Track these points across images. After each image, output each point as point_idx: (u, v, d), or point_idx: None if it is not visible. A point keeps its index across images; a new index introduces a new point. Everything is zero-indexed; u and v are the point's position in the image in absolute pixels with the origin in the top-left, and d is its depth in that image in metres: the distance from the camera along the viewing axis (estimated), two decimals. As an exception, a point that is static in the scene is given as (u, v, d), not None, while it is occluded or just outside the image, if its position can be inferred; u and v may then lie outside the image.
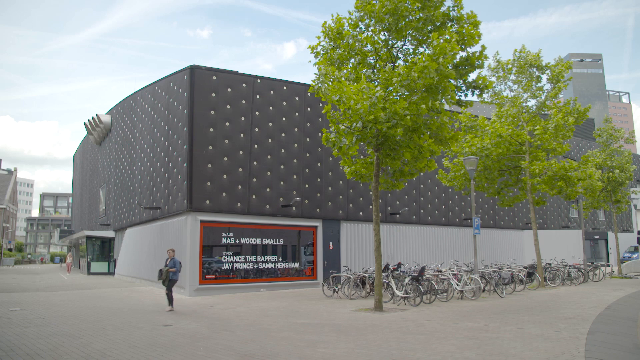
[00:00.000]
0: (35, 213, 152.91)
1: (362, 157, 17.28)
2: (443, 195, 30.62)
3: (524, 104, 22.85)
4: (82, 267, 42.93)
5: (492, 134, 22.10)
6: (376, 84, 14.87)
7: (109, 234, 38.05)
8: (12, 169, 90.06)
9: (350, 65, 15.95)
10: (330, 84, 13.98)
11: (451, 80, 14.31)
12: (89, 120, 40.76)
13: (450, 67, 13.76)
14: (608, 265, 34.15)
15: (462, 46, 15.45)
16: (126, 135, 33.02)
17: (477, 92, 16.37)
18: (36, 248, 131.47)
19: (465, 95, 16.33)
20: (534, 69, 22.53)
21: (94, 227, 43.54)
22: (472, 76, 32.57)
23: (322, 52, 16.00)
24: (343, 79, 15.07)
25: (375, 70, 15.92)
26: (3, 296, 20.21)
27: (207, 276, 20.62)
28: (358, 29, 15.84)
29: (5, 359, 8.40)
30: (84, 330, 11.44)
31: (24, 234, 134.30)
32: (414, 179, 23.82)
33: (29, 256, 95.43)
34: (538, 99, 22.67)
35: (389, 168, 17.19)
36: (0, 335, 10.88)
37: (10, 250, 77.69)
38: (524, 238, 35.76)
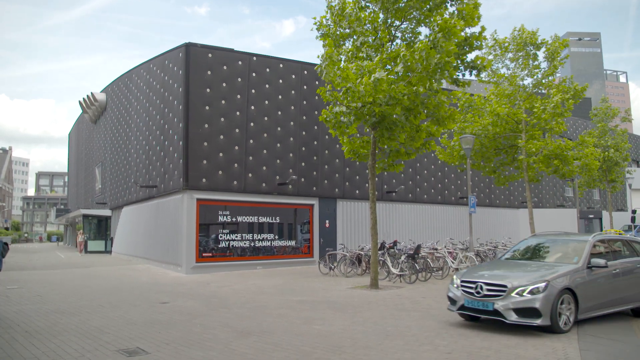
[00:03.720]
0: (31, 192, 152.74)
1: (359, 135, 17.25)
2: (439, 173, 30.68)
3: (521, 83, 22.77)
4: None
5: (490, 113, 22.06)
6: (378, 63, 14.75)
7: (106, 212, 38.07)
8: (7, 148, 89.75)
9: (350, 44, 15.84)
10: (335, 68, 13.91)
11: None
12: (83, 99, 40.51)
13: (451, 50, 13.66)
14: (602, 244, 34.32)
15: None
16: (121, 113, 32.85)
17: (474, 72, 16.30)
18: (33, 227, 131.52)
19: (463, 75, 16.26)
20: (531, 47, 22.41)
21: (90, 205, 43.53)
22: (471, 56, 32.47)
23: (325, 30, 15.86)
24: (343, 57, 15.03)
25: (374, 51, 15.79)
26: (1, 274, 20.26)
27: (203, 254, 20.72)
28: (359, 6, 15.68)
29: (5, 336, 8.47)
30: (82, 308, 11.53)
31: (20, 213, 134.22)
32: (411, 158, 23.83)
33: (25, 235, 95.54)
34: (535, 77, 22.59)
35: (386, 147, 17.18)
36: (-2, 311, 10.96)
37: (6, 229, 77.79)
38: (519, 217, 35.95)
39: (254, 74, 22.51)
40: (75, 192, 56.69)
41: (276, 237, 23.02)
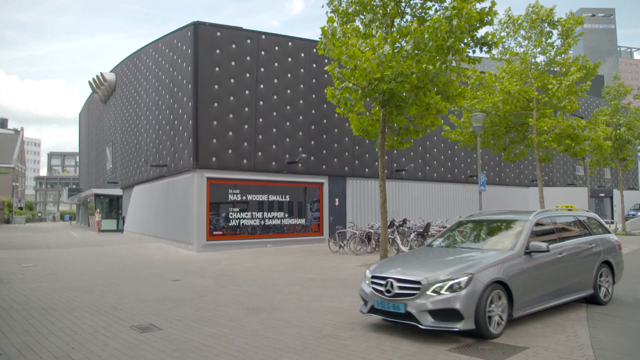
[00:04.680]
0: (43, 172, 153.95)
1: (368, 113, 17.19)
2: (449, 152, 30.56)
3: (533, 60, 22.49)
4: (91, 224, 43.50)
5: (500, 91, 21.85)
6: (383, 40, 14.63)
7: (117, 191, 38.37)
8: (19, 129, 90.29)
9: (360, 22, 15.70)
10: (335, 43, 13.81)
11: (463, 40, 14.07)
12: (93, 79, 40.55)
13: (465, 26, 13.50)
14: (612, 223, 34.27)
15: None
16: (131, 93, 32.89)
17: (485, 48, 16.10)
18: (46, 206, 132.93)
19: (474, 52, 16.06)
20: (545, 24, 22.06)
21: (101, 185, 43.88)
22: (481, 32, 32.00)
23: (335, 7, 15.73)
24: (349, 35, 14.89)
25: (384, 27, 15.64)
26: (16, 253, 20.60)
27: (214, 232, 20.90)
28: None
29: (22, 312, 8.65)
30: (95, 286, 11.71)
31: (33, 192, 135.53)
32: (420, 135, 23.74)
33: (39, 214, 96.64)
34: (547, 55, 22.28)
35: (395, 125, 17.12)
36: (15, 290, 11.17)
37: (21, 208, 78.68)
38: (529, 195, 35.81)
39: (262, 53, 22.41)
40: (86, 171, 57.10)
41: (286, 215, 23.14)
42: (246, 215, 21.87)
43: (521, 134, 23.61)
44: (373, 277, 7.39)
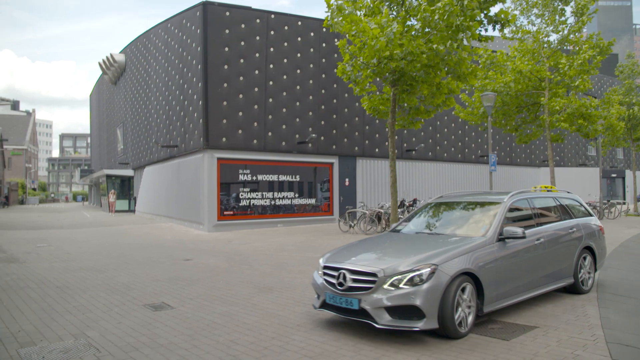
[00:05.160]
0: (55, 153, 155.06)
1: (379, 92, 17.10)
2: (460, 132, 30.38)
3: (545, 39, 22.17)
4: (103, 205, 43.89)
5: (512, 70, 21.61)
6: (393, 18, 14.48)
7: (128, 172, 38.61)
8: (30, 111, 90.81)
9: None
10: (344, 18, 13.70)
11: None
12: (103, 60, 40.56)
13: (475, 4, 13.31)
14: (624, 203, 34.03)
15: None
16: (140, 74, 32.89)
17: (498, 26, 15.88)
18: (58, 187, 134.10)
19: (486, 30, 15.87)
20: (559, 2, 21.68)
21: (113, 166, 44.16)
22: (494, 10, 31.60)
23: None
24: (359, 13, 14.76)
25: (394, 5, 15.48)
26: (31, 233, 20.88)
27: (225, 212, 21.03)
28: None
29: (37, 291, 8.80)
30: (108, 265, 11.86)
31: (45, 174, 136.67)
32: (431, 116, 23.60)
33: (52, 195, 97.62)
34: (561, 33, 21.94)
35: (406, 105, 17.03)
36: (31, 269, 11.34)
37: (34, 189, 79.56)
38: (540, 175, 35.62)
39: (272, 32, 22.27)
40: (98, 152, 57.44)
41: (296, 195, 23.20)
42: (256, 195, 21.96)
43: (533, 113, 23.40)
44: (325, 267, 6.47)
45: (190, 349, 5.61)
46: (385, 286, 5.72)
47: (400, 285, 5.66)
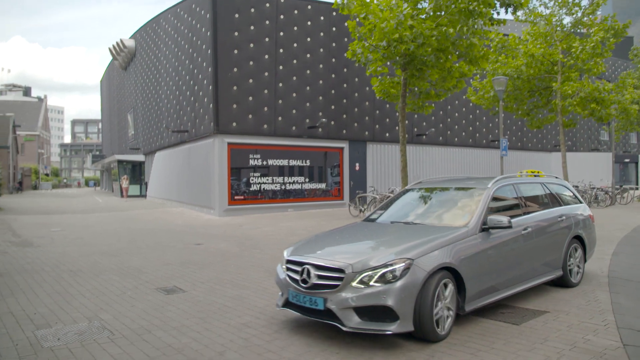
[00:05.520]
0: (67, 139, 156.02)
1: (390, 76, 16.99)
2: (470, 116, 30.17)
3: (558, 22, 21.83)
4: (115, 190, 44.23)
5: (524, 54, 21.35)
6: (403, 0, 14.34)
7: (139, 157, 38.80)
8: (42, 97, 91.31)
9: None
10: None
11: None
12: (113, 45, 40.59)
13: None
14: (637, 189, 33.74)
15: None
16: (150, 59, 32.89)
17: (510, 9, 15.68)
18: (71, 173, 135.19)
19: (498, 14, 15.69)
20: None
21: (124, 151, 44.39)
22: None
23: None
24: None
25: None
26: (45, 218, 21.11)
27: (235, 197, 21.11)
28: None
29: (52, 274, 8.92)
30: (121, 250, 11.98)
31: (58, 159, 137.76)
32: (441, 100, 23.42)
33: (64, 180, 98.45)
34: (574, 15, 21.61)
35: (416, 89, 16.93)
36: (45, 253, 11.49)
37: (47, 175, 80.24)
38: (552, 160, 35.35)
39: (282, 16, 22.15)
40: (109, 138, 57.72)
41: (307, 180, 23.22)
42: (267, 180, 22.01)
43: (545, 98, 23.17)
44: (289, 261, 5.81)
45: (202, 331, 5.68)
46: (354, 284, 5.07)
47: (371, 283, 5.02)
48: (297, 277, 5.52)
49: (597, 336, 5.27)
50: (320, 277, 5.29)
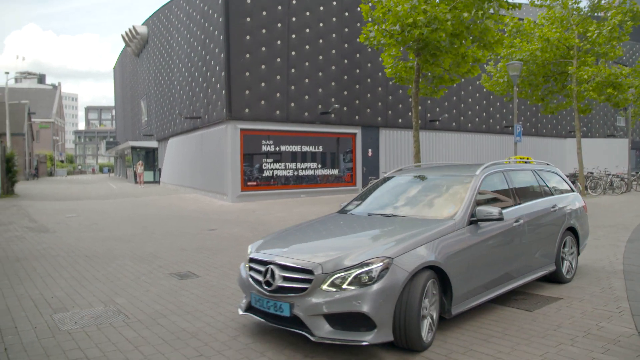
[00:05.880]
0: (81, 126, 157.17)
1: (403, 60, 16.85)
2: (484, 102, 29.90)
3: (575, 5, 21.47)
4: (129, 176, 44.56)
5: (539, 38, 21.05)
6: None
7: (153, 144, 39.01)
8: (56, 84, 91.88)
9: None
10: None
11: None
12: (125, 32, 40.65)
13: None
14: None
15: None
16: (163, 45, 32.91)
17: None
18: (85, 159, 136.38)
19: (514, -3, 15.50)
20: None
21: (137, 137, 44.64)
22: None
23: None
24: None
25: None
26: (60, 204, 21.35)
27: (248, 183, 21.18)
28: None
29: (68, 259, 9.04)
30: (135, 235, 12.10)
31: (72, 146, 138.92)
32: (455, 85, 23.21)
33: (79, 167, 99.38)
34: (591, -1, 21.23)
35: (430, 74, 16.79)
36: (61, 238, 11.64)
37: (62, 161, 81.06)
38: (567, 146, 34.99)
39: (294, 2, 22.01)
40: (122, 125, 58.06)
41: (319, 166, 23.22)
42: (280, 165, 22.03)
43: (560, 83, 22.86)
44: (252, 259, 5.16)
45: (215, 316, 5.74)
46: (325, 287, 4.40)
47: (344, 286, 4.36)
48: (260, 278, 4.84)
49: (611, 323, 5.24)
50: (286, 278, 4.63)
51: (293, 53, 21.96)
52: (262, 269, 4.87)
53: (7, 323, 5.43)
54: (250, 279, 5.04)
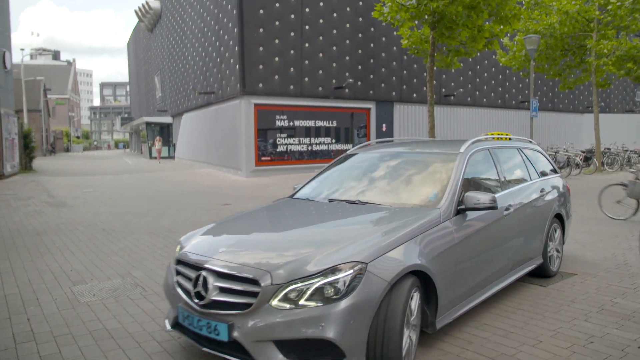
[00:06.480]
0: (96, 102, 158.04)
1: (418, 30, 16.62)
2: (500, 76, 29.49)
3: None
4: (144, 152, 44.86)
5: (558, 11, 20.62)
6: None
7: (167, 119, 39.15)
8: (71, 60, 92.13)
9: None
10: None
11: None
12: (139, 7, 40.53)
13: None
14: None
15: None
16: (176, 20, 32.78)
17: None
18: (101, 135, 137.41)
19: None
20: None
21: (152, 113, 44.81)
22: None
23: None
24: None
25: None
26: (77, 179, 21.60)
27: (262, 158, 21.23)
28: None
29: (86, 233, 9.18)
30: (150, 210, 12.22)
31: (88, 122, 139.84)
32: (470, 59, 22.91)
33: (95, 143, 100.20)
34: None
35: (445, 48, 16.58)
36: (79, 213, 11.81)
37: (78, 137, 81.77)
38: (583, 122, 34.47)
39: (308, -26, 21.74)
40: (137, 100, 58.24)
41: (333, 140, 23.18)
42: (293, 141, 22.03)
43: (578, 57, 22.43)
44: (180, 261, 3.91)
45: (231, 289, 5.80)
46: (275, 302, 3.22)
47: (302, 302, 3.21)
48: (190, 287, 3.59)
49: (625, 299, 5.23)
50: (223, 290, 3.40)
51: (307, 27, 21.76)
52: (193, 275, 3.61)
53: (29, 295, 5.56)
54: (177, 287, 3.77)
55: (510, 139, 6.59)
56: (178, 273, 3.86)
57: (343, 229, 4.12)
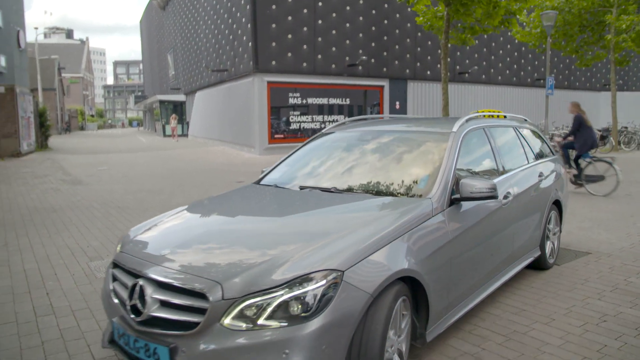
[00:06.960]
0: (110, 80, 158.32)
1: (434, 7, 16.41)
2: (515, 53, 29.05)
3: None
4: (157, 130, 45.04)
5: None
6: None
7: (180, 97, 39.20)
8: (84, 39, 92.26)
9: None
10: None
11: None
12: (151, -17, 40.33)
13: None
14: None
15: None
16: (189, -3, 32.61)
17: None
18: (114, 114, 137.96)
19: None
20: None
21: (165, 91, 44.86)
22: None
23: None
24: None
25: None
26: (91, 157, 21.80)
27: (275, 136, 21.24)
28: None
29: (101, 210, 9.29)
30: (164, 188, 12.32)
31: (102, 100, 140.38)
32: (485, 36, 22.55)
33: (109, 121, 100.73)
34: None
35: (459, 25, 16.36)
36: (94, 191, 11.95)
37: (92, 116, 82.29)
38: (600, 100, 33.91)
39: (321, -50, 21.45)
40: (150, 79, 58.31)
41: (346, 118, 23.03)
42: (306, 118, 21.98)
43: (597, 34, 22.00)
44: (116, 264, 3.19)
45: (245, 266, 5.86)
46: (227, 321, 2.50)
47: (261, 321, 2.50)
48: (125, 296, 2.88)
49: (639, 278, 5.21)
50: (164, 304, 2.68)
51: (320, 4, 21.53)
52: (129, 282, 2.89)
53: (48, 270, 5.66)
54: (113, 296, 3.07)
55: (505, 117, 6.00)
56: (115, 279, 3.13)
57: (314, 226, 3.29)
